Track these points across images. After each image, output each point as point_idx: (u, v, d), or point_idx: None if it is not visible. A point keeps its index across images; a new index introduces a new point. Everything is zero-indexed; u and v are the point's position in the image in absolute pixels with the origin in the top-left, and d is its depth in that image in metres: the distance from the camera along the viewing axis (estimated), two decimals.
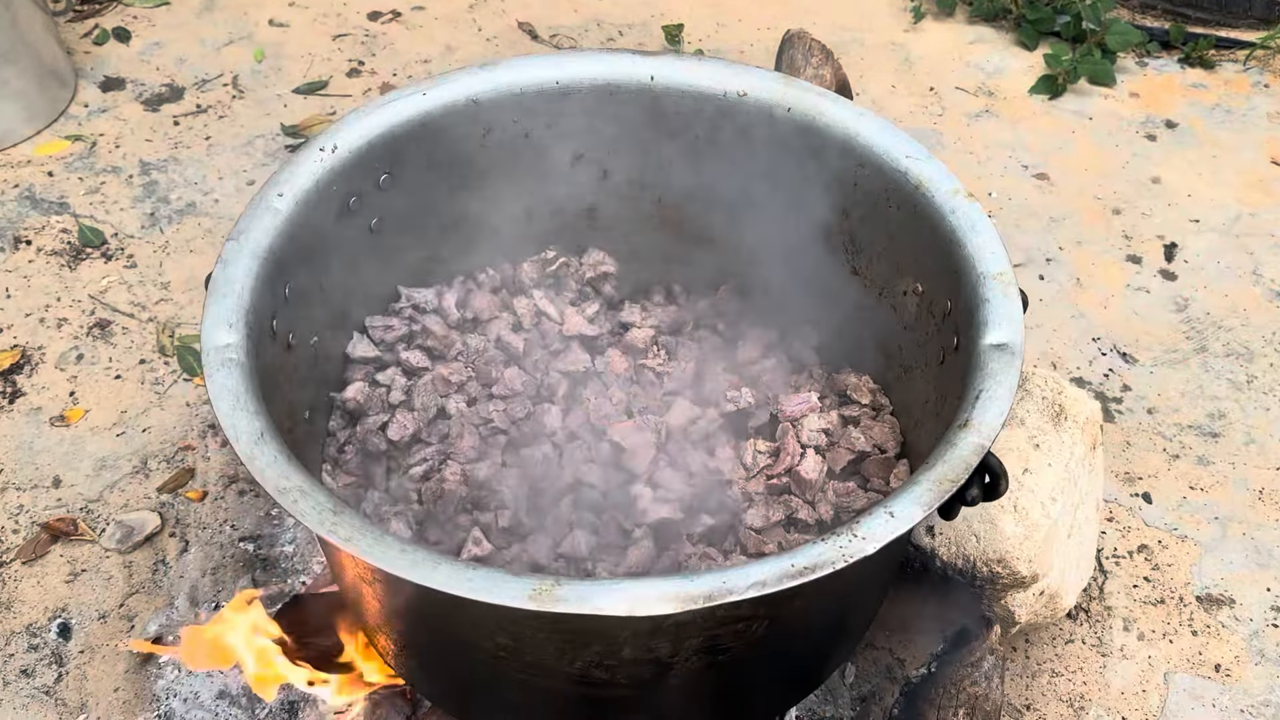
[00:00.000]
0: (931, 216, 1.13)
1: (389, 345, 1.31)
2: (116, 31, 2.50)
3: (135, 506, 1.69)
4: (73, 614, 1.57)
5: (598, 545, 1.12)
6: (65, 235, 2.07)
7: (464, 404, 1.29)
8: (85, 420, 1.80)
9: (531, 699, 1.02)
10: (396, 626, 1.06)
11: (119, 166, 2.21)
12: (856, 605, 1.07)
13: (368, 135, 1.18)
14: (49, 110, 2.26)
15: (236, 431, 0.90)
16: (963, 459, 0.90)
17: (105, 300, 1.97)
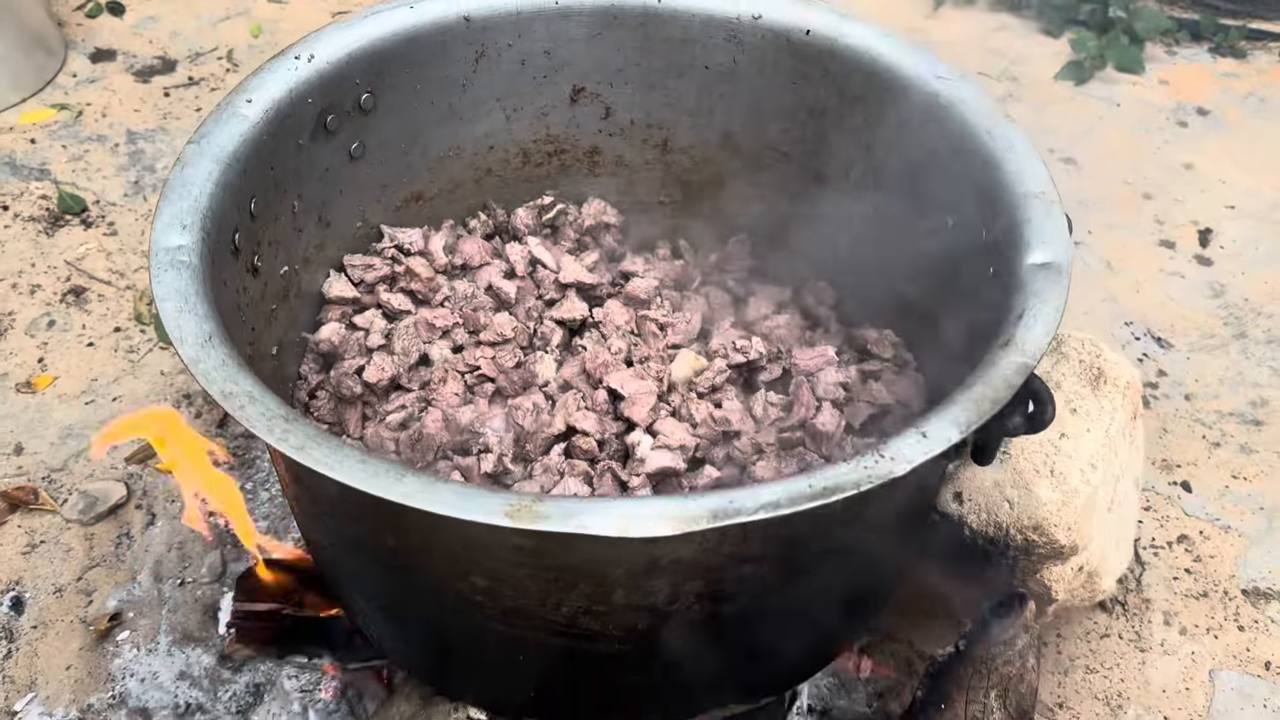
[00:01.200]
0: (965, 140, 1.03)
1: (369, 286, 1.20)
2: (110, 5, 2.43)
3: (100, 477, 1.58)
4: (27, 587, 1.46)
5: (591, 496, 1.01)
6: (44, 202, 1.98)
7: (449, 350, 1.19)
8: (53, 388, 1.69)
9: (512, 656, 0.89)
10: (360, 569, 0.94)
11: (105, 135, 2.12)
12: (877, 561, 0.95)
13: (348, 47, 1.09)
14: (35, 79, 2.18)
15: (182, 333, 0.80)
16: (1004, 378, 0.79)
17: (82, 267, 1.87)
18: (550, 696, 0.95)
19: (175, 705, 1.34)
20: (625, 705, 0.95)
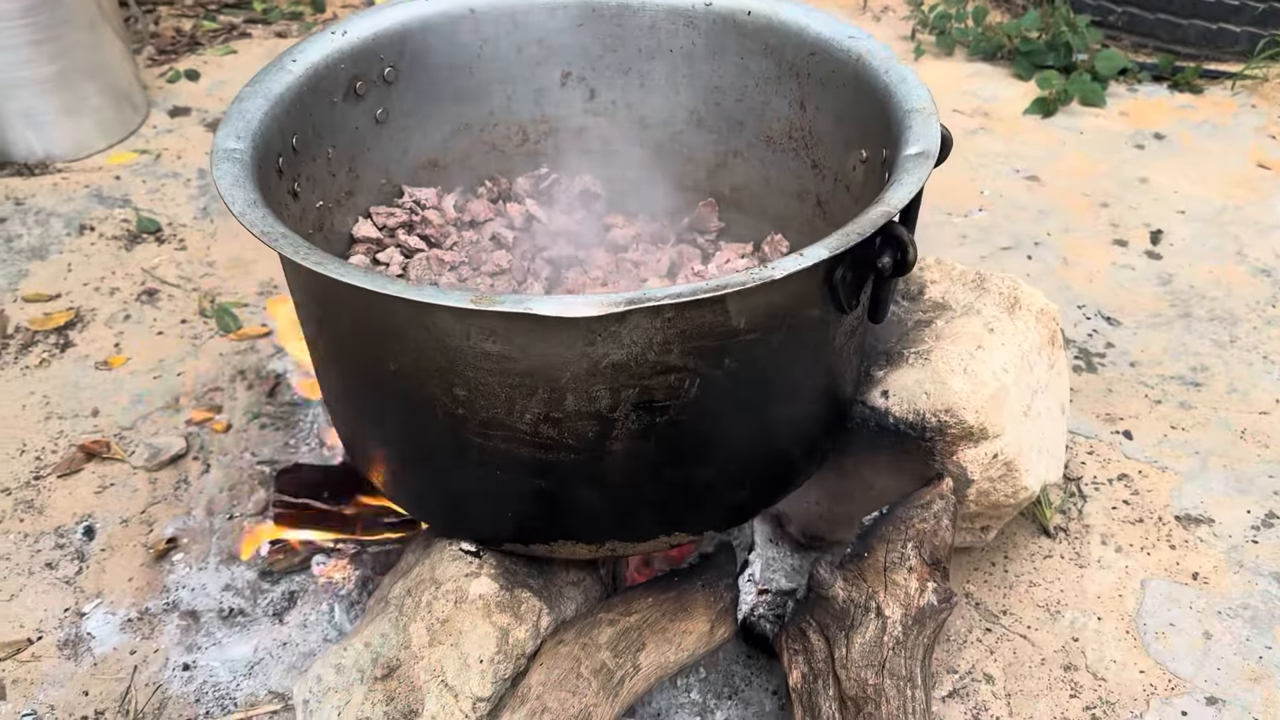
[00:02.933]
0: (870, 82, 1.26)
1: (390, 231, 1.45)
2: (188, 72, 2.79)
3: (164, 434, 1.82)
4: (97, 519, 1.68)
5: None
6: (125, 224, 2.29)
7: (455, 280, 1.42)
8: (126, 366, 1.95)
9: (490, 476, 1.09)
10: (367, 402, 1.15)
11: (179, 172, 2.44)
12: (796, 397, 1.14)
13: (374, 28, 1.36)
14: (121, 129, 2.52)
15: (234, 199, 1.04)
16: (870, 221, 1.00)
17: (155, 274, 2.16)
18: (524, 520, 1.14)
19: (220, 609, 1.55)
20: (586, 526, 1.14)
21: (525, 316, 0.91)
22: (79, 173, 2.42)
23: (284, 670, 1.47)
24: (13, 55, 2.27)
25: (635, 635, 1.16)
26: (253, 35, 3.00)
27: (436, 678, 1.10)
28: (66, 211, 2.31)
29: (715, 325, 0.99)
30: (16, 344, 1.99)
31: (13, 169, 2.41)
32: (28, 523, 1.68)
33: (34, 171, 2.41)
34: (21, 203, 2.33)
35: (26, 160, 2.42)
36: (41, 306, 2.08)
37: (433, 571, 1.18)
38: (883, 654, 1.16)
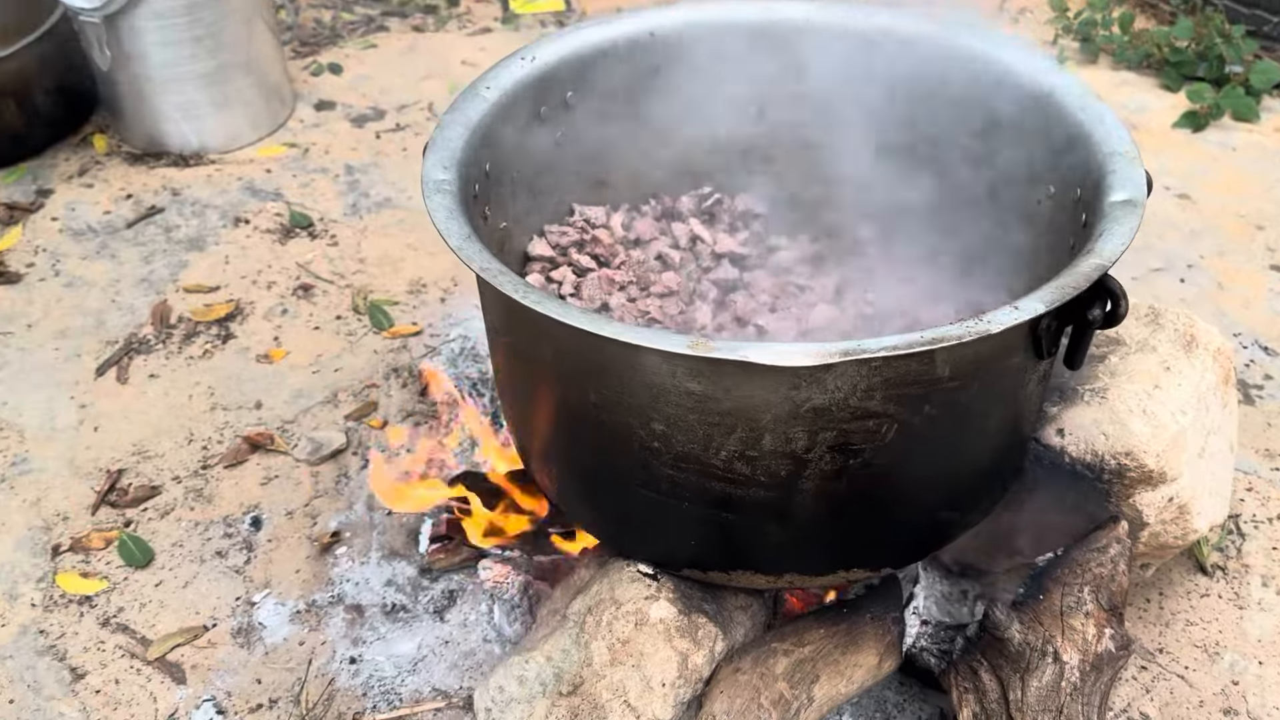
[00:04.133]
0: (1064, 118, 1.25)
1: (563, 249, 1.48)
2: (331, 66, 2.87)
3: (324, 428, 1.89)
4: (264, 510, 1.76)
5: None
6: (278, 218, 2.37)
7: (625, 300, 1.45)
8: (286, 360, 2.03)
9: (677, 506, 1.12)
10: (559, 430, 1.19)
11: (327, 168, 2.52)
12: (985, 442, 1.14)
13: (559, 54, 1.39)
14: (270, 122, 2.61)
15: (449, 232, 1.08)
16: (1083, 274, 0.99)
17: (310, 269, 2.24)
18: (706, 549, 1.17)
19: (383, 604, 1.61)
20: (767, 557, 1.16)
21: (738, 363, 0.93)
22: (231, 165, 2.51)
23: (446, 668, 1.53)
24: (175, 51, 2.37)
25: (810, 667, 1.18)
26: (390, 29, 3.07)
27: (619, 697, 1.14)
28: (221, 203, 2.40)
29: (919, 374, 0.99)
30: (180, 334, 2.09)
31: (169, 159, 2.51)
32: (198, 511, 1.76)
33: (189, 162, 2.51)
34: (178, 193, 2.43)
35: (182, 151, 2.52)
36: (202, 298, 2.17)
37: (612, 591, 1.21)
38: (1060, 699, 1.16)
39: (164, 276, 2.21)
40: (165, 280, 2.20)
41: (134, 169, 2.50)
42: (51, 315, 2.12)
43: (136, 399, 1.95)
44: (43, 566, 1.67)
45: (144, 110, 2.46)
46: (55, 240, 2.30)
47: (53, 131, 2.55)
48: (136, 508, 1.76)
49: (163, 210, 2.38)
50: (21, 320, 2.11)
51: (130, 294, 2.17)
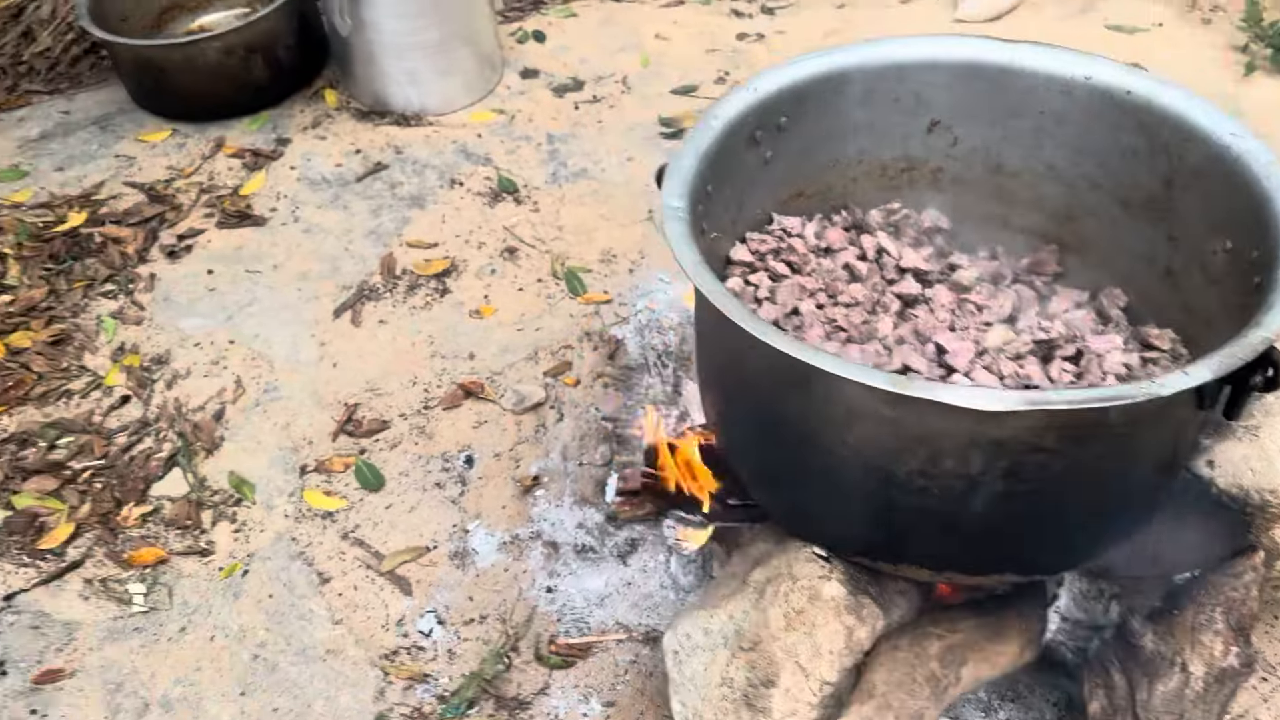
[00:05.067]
0: (1247, 181, 1.34)
1: (760, 255, 1.66)
2: (535, 34, 3.07)
3: (526, 382, 2.14)
4: (475, 450, 2.03)
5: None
6: (488, 182, 2.61)
7: (814, 306, 1.62)
8: (494, 316, 2.28)
9: (857, 504, 1.31)
10: (760, 434, 1.39)
11: (530, 136, 2.74)
12: (1142, 475, 1.28)
13: (779, 84, 1.55)
14: (482, 88, 2.84)
15: (684, 259, 1.27)
16: (1250, 345, 1.12)
17: (514, 232, 2.48)
18: (877, 543, 1.35)
19: (575, 544, 1.86)
20: (932, 556, 1.33)
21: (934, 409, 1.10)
22: (447, 128, 2.76)
23: (628, 606, 1.77)
24: (408, 23, 2.61)
25: (959, 651, 1.36)
26: None
27: (792, 658, 1.35)
28: (439, 164, 2.66)
29: (1092, 420, 1.14)
30: (404, 285, 2.36)
31: (392, 118, 2.78)
32: (420, 446, 2.04)
33: (410, 122, 2.77)
34: (401, 151, 2.70)
35: (404, 111, 2.78)
36: (422, 253, 2.44)
37: (790, 568, 1.41)
38: (1183, 705, 1.31)
39: (390, 230, 2.49)
40: (391, 234, 2.48)
41: (361, 125, 2.77)
42: (294, 258, 2.43)
43: (368, 341, 2.24)
44: (293, 483, 1.98)
45: (373, 73, 2.72)
46: (294, 188, 2.61)
47: (290, 83, 2.84)
48: (369, 438, 2.05)
49: (387, 167, 2.65)
50: (268, 261, 2.43)
51: (361, 244, 2.46)
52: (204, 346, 2.23)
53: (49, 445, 2.04)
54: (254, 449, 2.04)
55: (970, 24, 3.03)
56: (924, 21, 3.06)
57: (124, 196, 2.59)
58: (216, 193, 2.59)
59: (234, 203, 2.55)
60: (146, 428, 2.07)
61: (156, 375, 2.17)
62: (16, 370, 2.18)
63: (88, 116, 2.84)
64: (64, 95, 2.92)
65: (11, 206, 2.57)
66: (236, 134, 2.76)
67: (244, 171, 2.65)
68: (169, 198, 2.57)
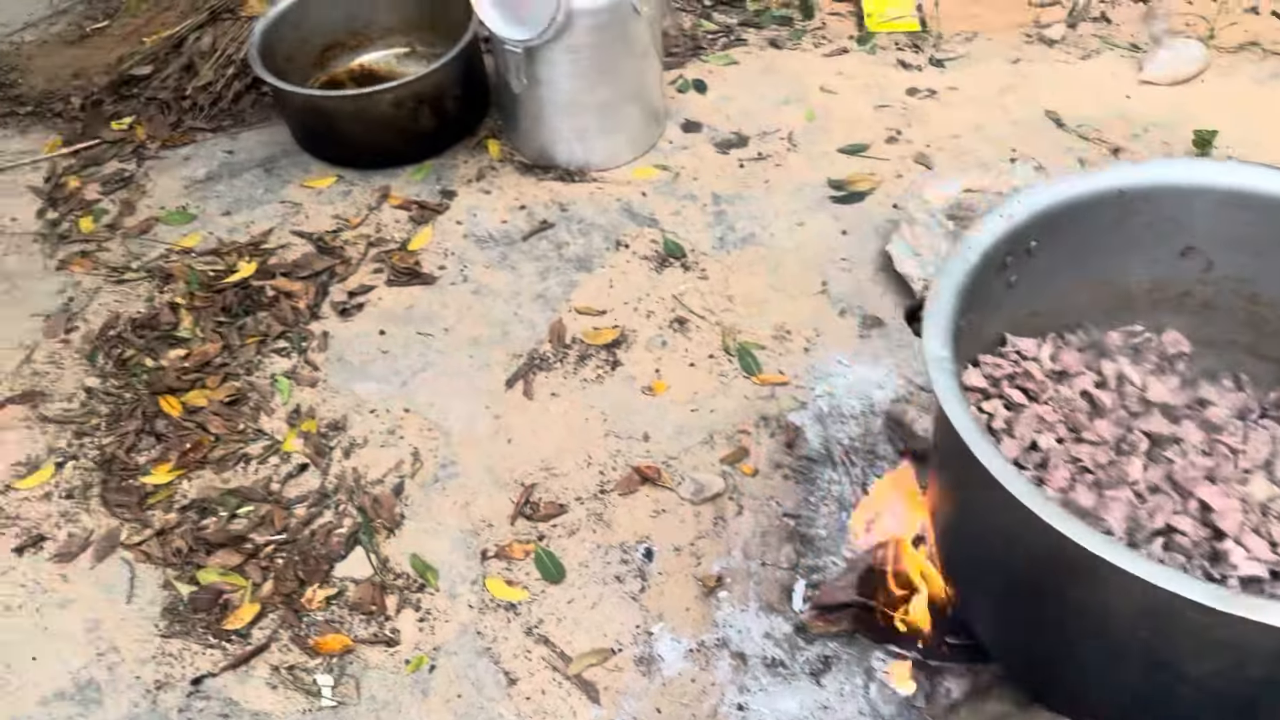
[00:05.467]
0: None
1: (994, 380, 1.57)
2: (695, 83, 3.00)
3: (703, 470, 2.08)
4: (655, 542, 1.98)
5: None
6: (654, 244, 2.55)
7: (1054, 441, 1.53)
8: (667, 394, 2.23)
9: (1127, 688, 1.22)
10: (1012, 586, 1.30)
11: (695, 195, 2.68)
12: None
13: (1035, 208, 1.46)
14: (646, 142, 2.78)
15: (954, 413, 1.19)
16: None
17: (683, 301, 2.42)
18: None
19: (763, 657, 1.80)
20: None
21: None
22: (611, 184, 2.71)
23: None
24: (580, 82, 2.56)
25: None
26: (748, 41, 3.16)
27: None
28: (604, 224, 2.61)
29: None
30: (574, 355, 2.32)
31: (556, 173, 2.73)
32: (599, 535, 2.00)
33: (574, 178, 2.72)
34: (565, 209, 2.65)
35: (568, 166, 2.73)
36: (591, 320, 2.39)
37: None
38: None
39: (558, 294, 2.45)
40: (559, 298, 2.44)
41: (525, 179, 2.74)
42: (464, 321, 2.40)
43: (541, 415, 2.21)
44: (475, 569, 1.95)
45: (540, 129, 2.68)
46: (461, 245, 2.58)
47: (455, 133, 2.82)
48: (547, 523, 2.02)
49: (553, 226, 2.61)
50: (439, 323, 2.40)
51: (530, 308, 2.42)
52: (380, 414, 2.22)
53: (229, 515, 2.04)
54: (435, 530, 2.01)
55: (1156, 85, 2.87)
56: (1106, 80, 2.92)
57: (292, 246, 2.59)
58: (384, 246, 2.57)
59: (403, 258, 2.53)
60: (326, 499, 2.07)
61: (334, 442, 2.17)
62: (194, 431, 2.19)
63: (252, 158, 2.85)
64: (227, 134, 2.94)
65: (181, 252, 2.60)
66: (401, 183, 2.74)
67: (410, 225, 2.63)
68: (337, 250, 2.56)
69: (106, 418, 2.23)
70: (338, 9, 2.96)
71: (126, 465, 2.13)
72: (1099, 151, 2.70)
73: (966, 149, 2.74)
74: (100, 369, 2.34)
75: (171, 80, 3.06)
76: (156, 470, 2.11)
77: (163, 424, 2.20)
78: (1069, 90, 2.89)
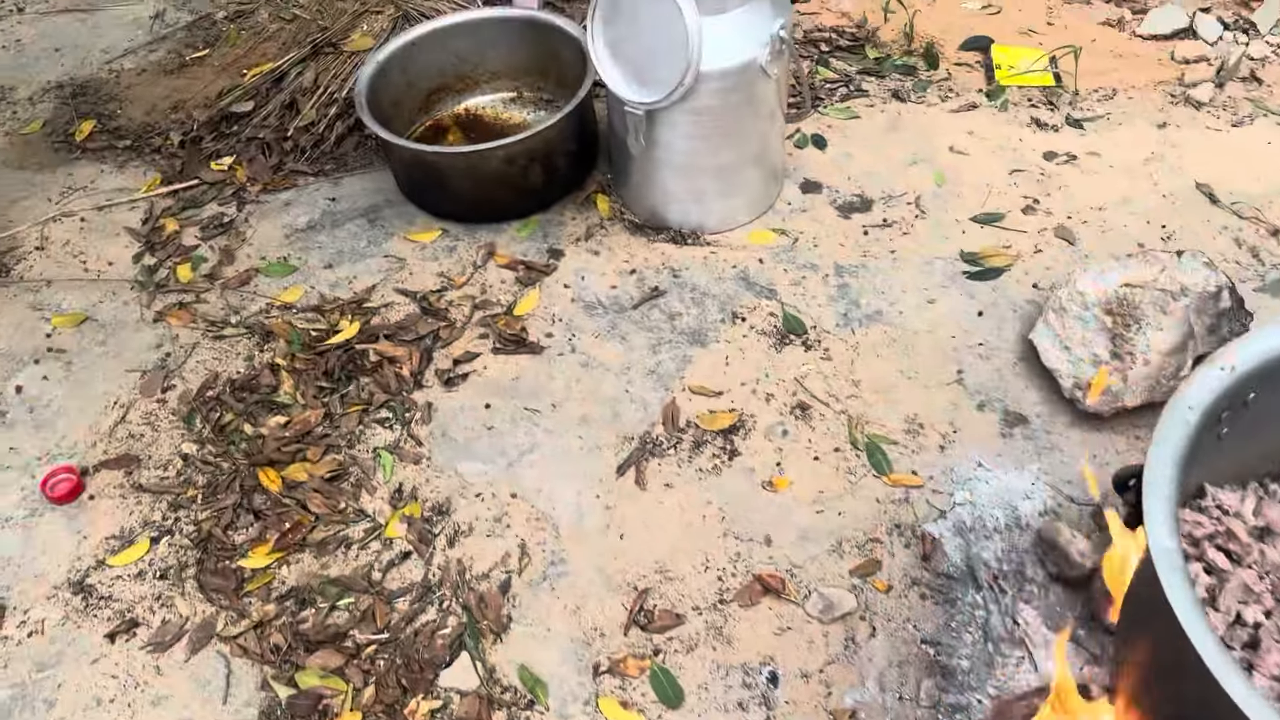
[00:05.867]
0: None
1: (1194, 540, 1.40)
2: (814, 138, 2.84)
3: (831, 582, 1.93)
4: (779, 665, 1.83)
5: None
6: (772, 318, 2.41)
7: (1262, 614, 1.35)
8: (790, 490, 2.08)
9: None
10: None
11: (815, 264, 2.52)
12: None
13: (1257, 359, 1.29)
14: (764, 203, 2.63)
15: (1193, 629, 1.03)
16: None
17: (805, 384, 2.26)
18: None
19: None
20: None
21: None
22: (725, 248, 2.57)
23: None
24: (700, 144, 2.42)
25: None
26: (869, 93, 3.00)
27: None
28: (719, 294, 2.46)
29: None
30: (689, 440, 2.18)
31: (668, 235, 2.60)
32: (719, 652, 1.86)
33: (686, 240, 2.58)
34: (678, 274, 2.52)
35: (680, 227, 2.60)
36: (707, 402, 2.25)
37: None
38: None
39: (670, 371, 2.31)
40: (672, 375, 2.30)
41: (635, 239, 2.61)
42: (572, 397, 2.28)
43: (654, 507, 2.07)
44: (587, 687, 1.83)
45: (654, 189, 2.55)
46: (568, 310, 2.46)
47: (563, 188, 2.70)
48: (663, 635, 1.88)
49: (665, 293, 2.47)
50: (546, 398, 2.28)
51: (641, 385, 2.29)
52: (485, 498, 2.10)
53: (329, 606, 1.94)
54: (544, 637, 1.89)
55: None
56: (1260, 150, 2.70)
57: (396, 306, 2.49)
58: (490, 310, 2.46)
59: (508, 324, 2.42)
60: (429, 594, 1.96)
61: (438, 529, 2.05)
62: (293, 509, 2.10)
63: (355, 206, 2.76)
64: (329, 178, 2.85)
65: (282, 307, 2.51)
66: (506, 240, 2.63)
67: (516, 286, 2.52)
68: (442, 311, 2.46)
69: (203, 489, 2.14)
70: (445, 52, 2.85)
71: (224, 545, 2.04)
72: (1257, 232, 2.49)
73: (1112, 224, 2.54)
74: (198, 434, 2.25)
75: (273, 119, 2.98)
76: (255, 552, 2.02)
77: (261, 499, 2.11)
78: (1221, 160, 2.68)
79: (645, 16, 2.23)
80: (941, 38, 3.16)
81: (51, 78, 3.26)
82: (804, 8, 3.33)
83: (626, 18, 2.27)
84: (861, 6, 3.31)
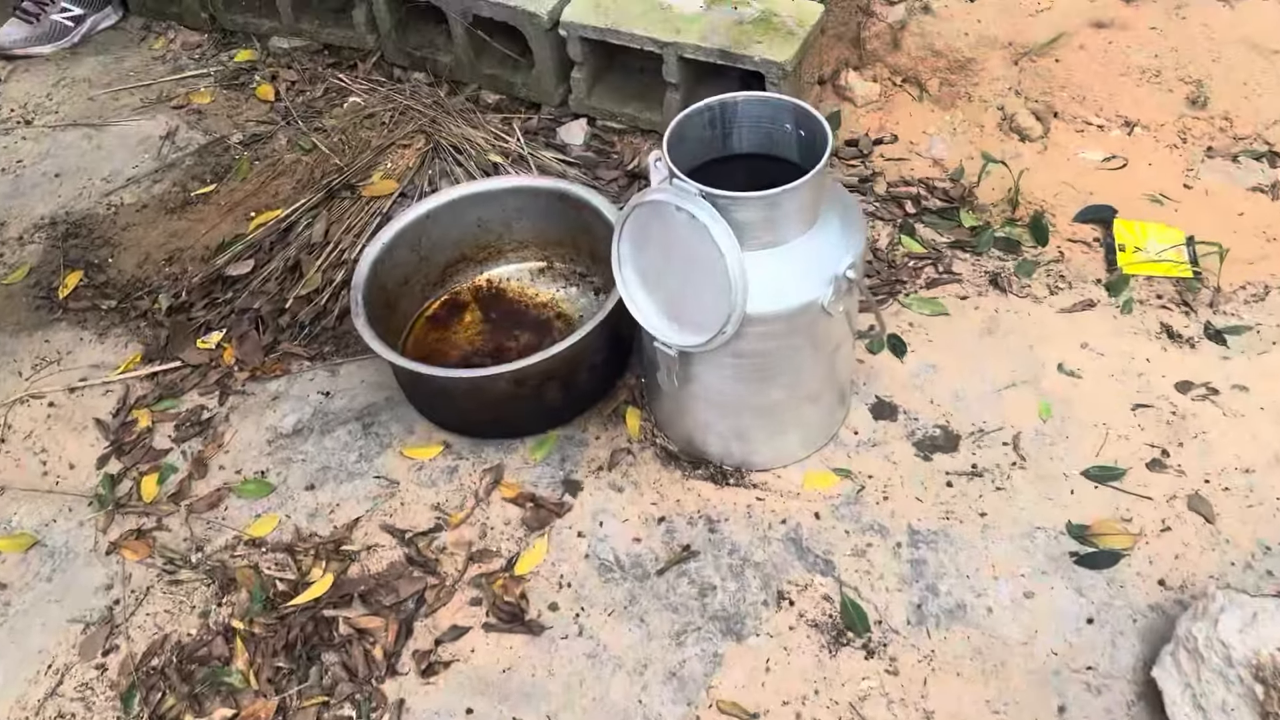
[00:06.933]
0: None
1: None
2: (892, 341, 2.38)
3: None
4: None
5: None
6: (828, 604, 1.96)
7: None
8: None
9: None
10: None
11: (886, 526, 2.06)
12: None
13: None
14: (824, 435, 2.19)
15: None
16: None
17: (863, 713, 1.82)
18: None
19: None
20: None
21: None
22: (774, 495, 2.12)
23: None
24: (743, 387, 1.99)
25: None
26: (962, 277, 2.51)
27: None
28: (762, 561, 2.03)
29: None
30: None
31: (707, 470, 2.17)
32: None
33: (728, 479, 2.15)
34: (715, 528, 2.08)
35: (721, 463, 2.17)
36: None
37: None
38: None
39: (696, 673, 1.88)
40: (697, 681, 1.87)
41: (667, 472, 2.18)
42: (574, 705, 1.86)
43: None
44: None
45: (689, 421, 2.13)
46: (580, 571, 2.05)
47: (588, 400, 2.29)
48: None
49: (697, 555, 2.04)
50: (541, 702, 1.88)
51: (658, 692, 1.86)
52: None
53: None
54: None
55: None
56: None
57: (379, 550, 2.11)
58: (487, 563, 2.06)
59: (507, 587, 2.02)
60: None
61: None
62: None
63: (349, 406, 2.39)
64: (326, 364, 2.49)
65: (250, 543, 2.15)
66: (517, 462, 2.23)
67: (522, 530, 2.12)
68: (431, 562, 2.07)
69: None
70: (465, 219, 2.47)
71: None
72: None
73: (1263, 495, 2.03)
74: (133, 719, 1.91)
75: (272, 284, 2.63)
76: None
77: None
78: None
79: (679, 248, 1.80)
80: (1053, 203, 2.66)
81: (46, 212, 2.96)
82: (890, 151, 2.86)
83: (657, 245, 1.85)
84: (958, 154, 2.82)
